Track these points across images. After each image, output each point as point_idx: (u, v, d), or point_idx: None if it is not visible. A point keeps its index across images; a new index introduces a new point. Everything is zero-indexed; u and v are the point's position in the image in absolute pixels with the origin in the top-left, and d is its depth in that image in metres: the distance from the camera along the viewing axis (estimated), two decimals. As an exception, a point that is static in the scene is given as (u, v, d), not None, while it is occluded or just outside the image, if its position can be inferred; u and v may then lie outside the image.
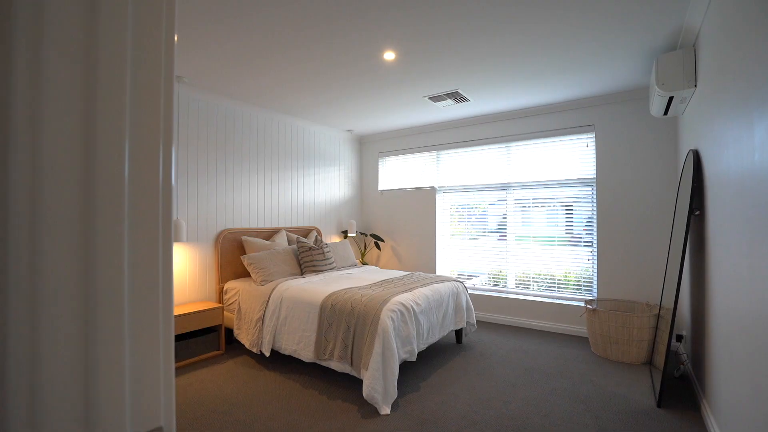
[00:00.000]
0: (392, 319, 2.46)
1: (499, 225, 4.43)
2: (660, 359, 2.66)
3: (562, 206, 4.02)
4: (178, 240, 3.09)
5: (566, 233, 3.99)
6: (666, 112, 2.94)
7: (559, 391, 2.56)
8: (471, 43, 2.57)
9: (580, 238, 3.92)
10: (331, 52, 2.69)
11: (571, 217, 3.97)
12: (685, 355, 2.89)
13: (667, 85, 2.49)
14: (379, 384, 2.27)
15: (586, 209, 3.86)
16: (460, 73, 3.11)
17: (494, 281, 4.46)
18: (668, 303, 2.71)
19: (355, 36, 2.45)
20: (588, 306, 3.30)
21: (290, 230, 4.34)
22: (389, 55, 2.75)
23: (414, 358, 2.57)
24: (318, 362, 2.66)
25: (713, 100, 1.99)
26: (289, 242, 4.15)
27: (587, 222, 3.89)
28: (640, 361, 3.03)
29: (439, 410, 2.31)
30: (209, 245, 3.58)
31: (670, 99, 2.66)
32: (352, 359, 2.46)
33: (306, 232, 4.54)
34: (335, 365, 2.55)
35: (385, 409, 2.27)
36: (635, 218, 3.53)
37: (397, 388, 2.53)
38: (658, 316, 2.99)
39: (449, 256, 4.81)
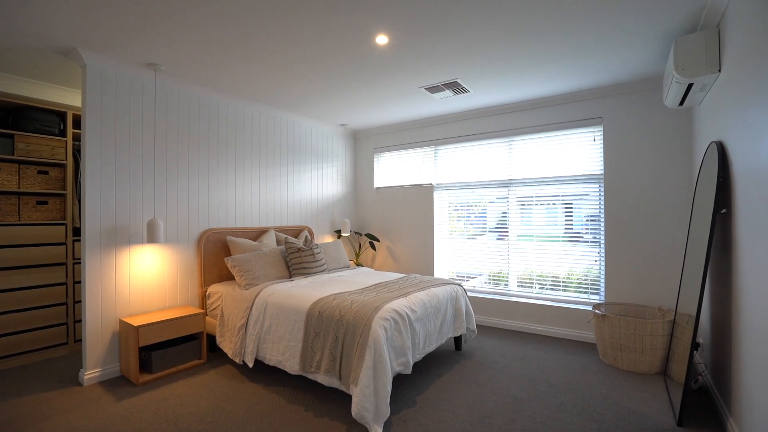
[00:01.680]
0: (385, 328, 2.23)
1: (499, 223, 4.20)
2: (676, 370, 2.44)
3: (564, 204, 3.80)
4: (154, 241, 2.85)
5: (567, 232, 3.77)
6: (682, 102, 2.72)
7: (567, 406, 2.33)
8: (470, 26, 2.33)
9: (581, 236, 3.70)
10: (319, 36, 2.45)
11: (571, 216, 3.75)
12: (702, 365, 2.67)
13: (687, 70, 2.26)
14: (369, 401, 2.05)
15: (588, 207, 3.63)
16: (459, 61, 2.87)
17: (494, 282, 4.23)
18: (686, 308, 2.49)
19: (345, 17, 2.21)
20: (596, 311, 3.08)
21: (280, 230, 4.10)
22: (382, 39, 2.51)
23: (409, 371, 2.34)
24: (304, 375, 2.43)
25: (745, 86, 1.76)
26: (278, 243, 3.91)
27: (587, 219, 3.67)
28: (654, 371, 2.81)
29: (436, 430, 2.09)
30: (191, 246, 3.35)
31: (689, 87, 2.43)
32: (340, 373, 2.23)
33: (297, 232, 4.30)
34: (322, 379, 2.32)
35: (377, 429, 2.04)
36: (646, 217, 3.31)
37: (390, 404, 2.31)
38: (674, 322, 2.77)
39: (447, 256, 4.58)
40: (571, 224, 3.76)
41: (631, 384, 2.64)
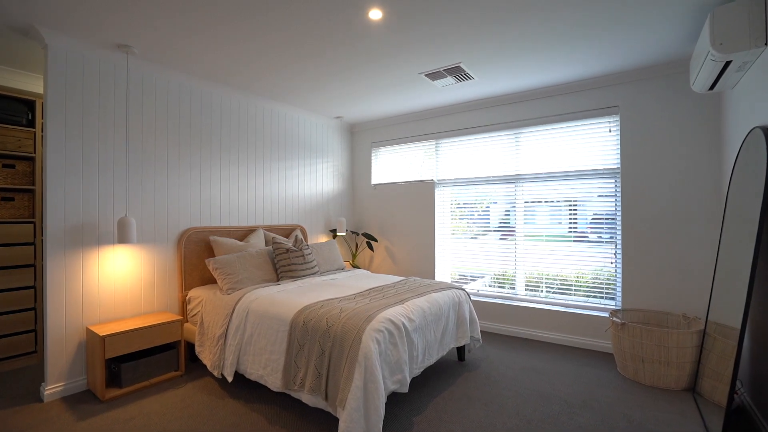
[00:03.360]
0: (377, 341, 1.95)
1: (505, 222, 3.91)
2: (708, 386, 2.15)
3: (575, 201, 3.49)
4: (125, 241, 2.57)
5: (575, 230, 3.46)
6: (713, 87, 2.42)
7: (587, 430, 2.04)
8: (474, 0, 2.05)
9: (596, 235, 3.40)
10: (307, 12, 2.17)
11: (583, 213, 3.45)
12: (738, 381, 2.37)
13: (726, 45, 1.97)
14: (359, 427, 1.76)
15: (603, 203, 3.33)
16: (462, 42, 2.58)
17: (499, 284, 3.94)
18: (719, 317, 2.20)
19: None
20: (614, 318, 2.78)
21: (270, 229, 3.82)
22: (375, 14, 2.23)
23: (405, 389, 2.06)
24: (287, 392, 2.15)
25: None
26: (267, 243, 3.64)
27: (594, 217, 3.37)
28: (681, 387, 2.52)
29: (436, 460, 1.81)
30: (170, 247, 3.07)
31: (725, 66, 2.13)
32: (326, 393, 1.95)
33: (288, 232, 4.02)
34: (306, 398, 2.04)
35: (367, 460, 1.76)
36: (668, 214, 3.01)
37: (384, 427, 2.02)
38: (704, 332, 2.48)
39: (449, 256, 4.29)
40: (583, 222, 3.47)
41: (656, 402, 2.35)
